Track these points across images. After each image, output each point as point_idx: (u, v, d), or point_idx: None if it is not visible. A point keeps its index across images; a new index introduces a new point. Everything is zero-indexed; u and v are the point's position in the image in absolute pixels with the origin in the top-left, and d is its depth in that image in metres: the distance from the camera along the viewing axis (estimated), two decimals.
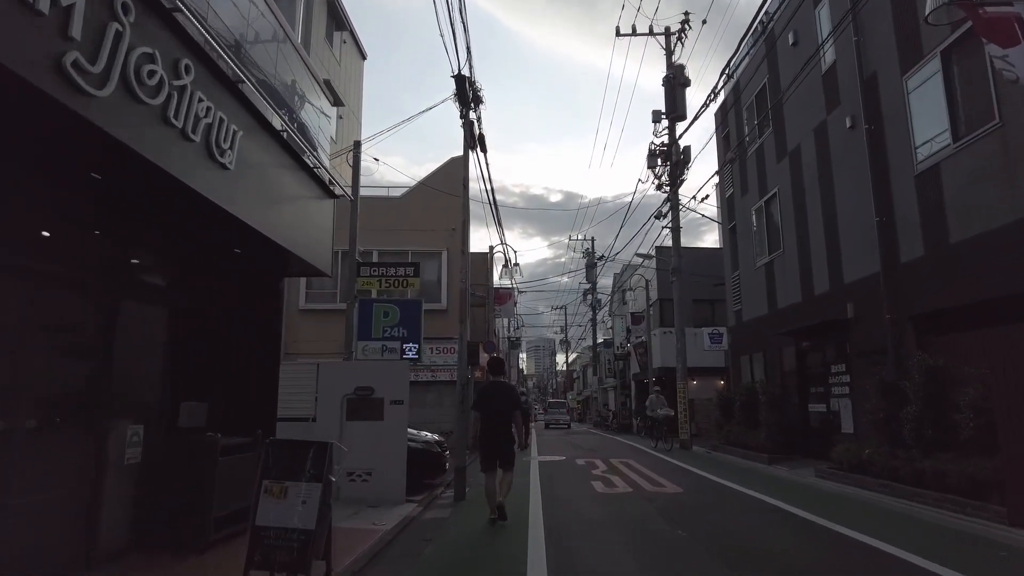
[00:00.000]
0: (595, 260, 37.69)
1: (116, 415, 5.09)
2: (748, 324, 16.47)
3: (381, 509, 7.92)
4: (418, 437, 9.68)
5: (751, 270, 16.13)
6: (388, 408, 8.49)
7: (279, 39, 6.13)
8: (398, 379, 8.56)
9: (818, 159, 12.54)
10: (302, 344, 16.64)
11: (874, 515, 7.31)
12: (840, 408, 11.71)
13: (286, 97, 5.98)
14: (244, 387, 6.69)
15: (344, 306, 9.62)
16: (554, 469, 12.12)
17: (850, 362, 11.36)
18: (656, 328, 25.46)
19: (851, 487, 9.16)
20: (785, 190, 14.12)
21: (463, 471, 8.66)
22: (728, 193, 17.89)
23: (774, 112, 14.30)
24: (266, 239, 5.75)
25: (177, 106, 4.00)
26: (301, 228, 6.69)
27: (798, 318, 13.19)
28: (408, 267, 9.72)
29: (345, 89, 23.11)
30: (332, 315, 16.39)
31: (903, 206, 9.72)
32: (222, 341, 6.65)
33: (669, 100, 18.74)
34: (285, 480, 4.59)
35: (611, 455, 14.94)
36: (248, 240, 5.83)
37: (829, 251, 12.12)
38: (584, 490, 9.27)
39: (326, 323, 16.81)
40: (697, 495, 8.80)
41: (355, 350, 8.91)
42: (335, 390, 8.56)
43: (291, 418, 8.62)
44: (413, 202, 18.81)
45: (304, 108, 6.90)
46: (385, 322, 8.91)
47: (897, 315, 9.82)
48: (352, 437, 8.49)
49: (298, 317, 17.30)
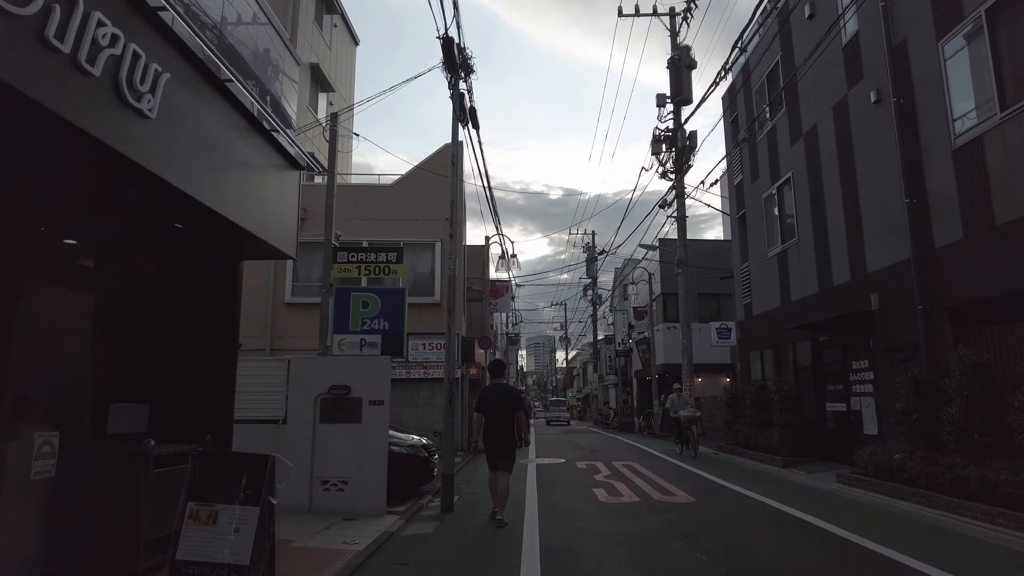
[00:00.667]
0: (595, 254, 36.83)
1: (19, 420, 4.18)
2: (758, 318, 15.57)
3: (358, 523, 7.04)
4: (402, 440, 8.80)
5: (762, 261, 15.22)
6: (367, 409, 7.61)
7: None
8: (378, 377, 7.67)
9: (837, 139, 11.62)
10: (289, 340, 15.72)
11: (916, 531, 6.42)
12: (862, 407, 10.81)
13: (234, 43, 5.06)
14: (193, 386, 5.78)
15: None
16: (553, 474, 11.24)
17: (874, 358, 10.45)
18: (659, 323, 24.56)
19: (880, 495, 8.27)
20: (800, 174, 13.20)
21: (451, 479, 7.77)
22: (737, 180, 16.96)
23: (788, 91, 13.37)
24: (213, 214, 4.84)
25: (61, 24, 3.09)
26: (258, 202, 5.76)
27: (815, 311, 12.29)
28: (391, 252, 8.78)
29: (336, 75, 22.23)
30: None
31: (938, 185, 8.80)
32: (167, 333, 5.76)
33: (674, 82, 17.79)
34: (216, 503, 3.71)
35: (613, 457, 14.06)
36: (191, 213, 4.92)
37: (850, 238, 11.21)
38: (586, 499, 8.39)
39: (315, 317, 15.88)
40: (712, 506, 7.91)
41: (331, 344, 8.01)
42: (307, 389, 7.67)
43: (258, 420, 7.74)
44: (405, 190, 17.86)
45: (267, 71, 5.98)
46: (364, 313, 8.00)
47: (930, 305, 8.91)
48: (326, 441, 7.61)
49: (285, 311, 16.37)
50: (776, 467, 11.85)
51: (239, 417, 7.78)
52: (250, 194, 5.64)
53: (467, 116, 9.27)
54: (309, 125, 15.12)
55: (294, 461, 7.72)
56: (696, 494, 8.62)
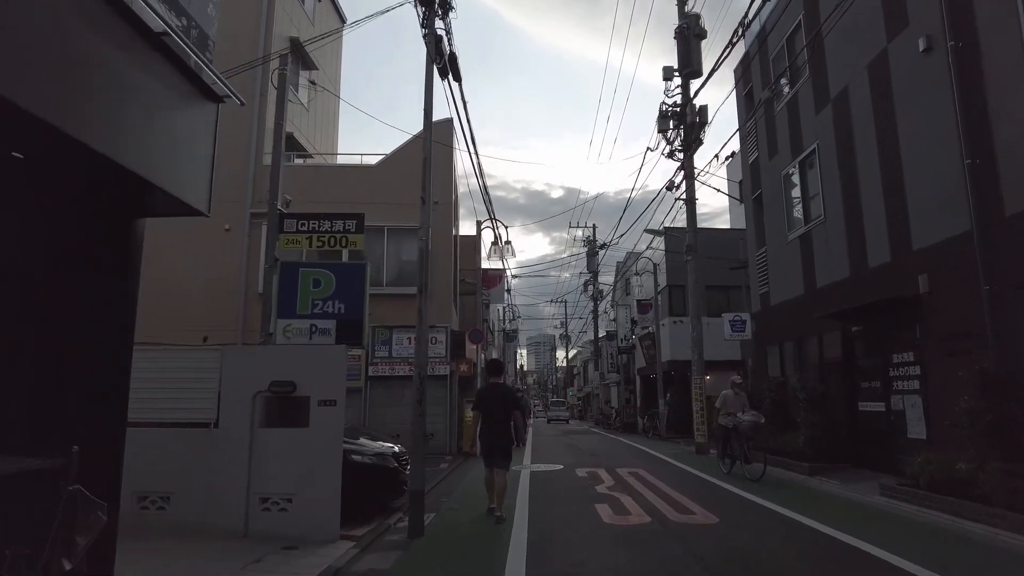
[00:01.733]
0: (596, 248, 35.41)
1: None
2: (777, 308, 14.11)
3: (298, 552, 5.60)
4: (366, 448, 7.36)
5: (781, 245, 13.76)
6: (316, 410, 6.16)
7: None
8: (330, 371, 6.23)
9: (874, 101, 10.16)
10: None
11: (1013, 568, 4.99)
12: (905, 407, 9.37)
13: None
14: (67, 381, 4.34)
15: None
16: (549, 484, 9.79)
17: (922, 349, 9.00)
18: (665, 317, 23.10)
19: (941, 514, 6.83)
20: (827, 145, 11.74)
21: (421, 497, 6.32)
22: (752, 158, 15.50)
23: (812, 53, 11.91)
24: (83, 149, 3.39)
25: None
26: (154, 139, 4.31)
27: (846, 297, 10.84)
28: (349, 220, 7.29)
29: (319, 52, 20.80)
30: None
31: (1010, 142, 7.35)
32: (29, 310, 4.33)
33: (682, 54, 16.33)
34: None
35: (617, 463, 12.61)
36: (51, 146, 3.46)
37: (890, 212, 9.75)
38: (587, 519, 6.93)
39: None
40: (743, 528, 6.46)
41: (274, 331, 6.58)
42: (244, 385, 6.23)
43: (183, 423, 6.31)
44: (390, 172, 16.41)
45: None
46: (315, 293, 6.54)
47: (998, 285, 7.46)
48: (266, 449, 6.17)
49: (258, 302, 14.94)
50: (803, 475, 10.42)
51: (159, 420, 6.36)
52: (140, 126, 4.19)
53: (446, 64, 7.82)
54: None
55: (228, 472, 6.33)
56: (718, 511, 7.17)
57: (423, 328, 6.70)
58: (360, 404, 14.68)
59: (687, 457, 14.11)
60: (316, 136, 20.86)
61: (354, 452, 7.08)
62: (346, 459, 6.81)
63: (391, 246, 16.10)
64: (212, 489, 6.12)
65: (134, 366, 6.64)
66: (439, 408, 14.97)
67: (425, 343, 6.60)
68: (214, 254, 14.94)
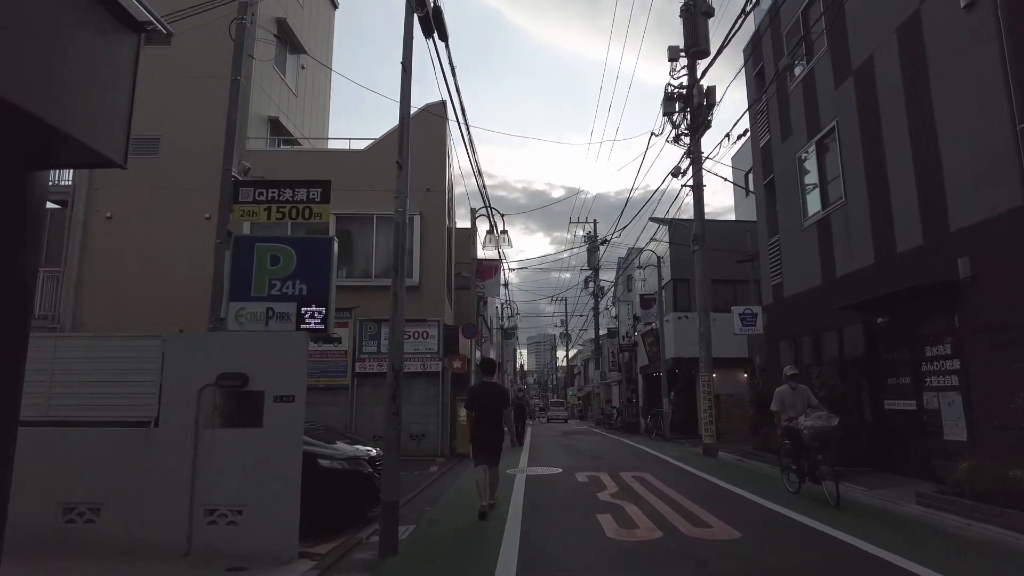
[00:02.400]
0: (597, 244, 34.49)
1: None
2: (791, 300, 13.20)
3: (248, 574, 4.72)
4: (337, 453, 6.46)
5: (796, 232, 12.84)
6: (271, 408, 5.27)
7: None
8: (289, 362, 5.33)
9: (903, 68, 9.25)
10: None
11: None
12: (942, 405, 8.46)
13: None
14: None
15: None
16: (546, 491, 8.89)
17: (962, 341, 8.08)
18: (669, 313, 22.17)
19: (995, 528, 5.92)
20: (848, 122, 10.83)
21: (394, 509, 5.41)
22: (763, 141, 14.58)
23: (831, 22, 11.01)
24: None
25: None
26: (57, 74, 3.41)
27: (870, 286, 9.93)
28: (313, 188, 6.36)
29: (309, 36, 19.93)
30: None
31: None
32: None
33: (688, 32, 15.42)
34: None
35: (620, 466, 11.70)
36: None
37: (922, 190, 8.85)
38: (588, 534, 6.02)
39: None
40: (771, 546, 5.55)
41: (226, 316, 5.68)
42: (189, 378, 5.34)
43: (117, 422, 5.41)
44: (379, 158, 15.48)
45: None
46: (273, 272, 5.62)
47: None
48: (213, 453, 5.28)
49: None
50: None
51: (89, 418, 5.48)
52: (38, 58, 3.30)
53: (428, 16, 6.91)
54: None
55: (169, 480, 5.42)
56: (739, 524, 6.26)
57: (399, 315, 5.81)
58: (347, 403, 13.79)
59: (695, 459, 13.20)
60: (305, 123, 19.97)
61: (322, 456, 6.18)
62: (314, 464, 5.94)
63: (380, 236, 15.17)
64: (150, 499, 5.23)
65: (60, 355, 5.67)
66: (431, 407, 14.08)
67: (400, 332, 5.71)
68: (196, 243, 14.07)
